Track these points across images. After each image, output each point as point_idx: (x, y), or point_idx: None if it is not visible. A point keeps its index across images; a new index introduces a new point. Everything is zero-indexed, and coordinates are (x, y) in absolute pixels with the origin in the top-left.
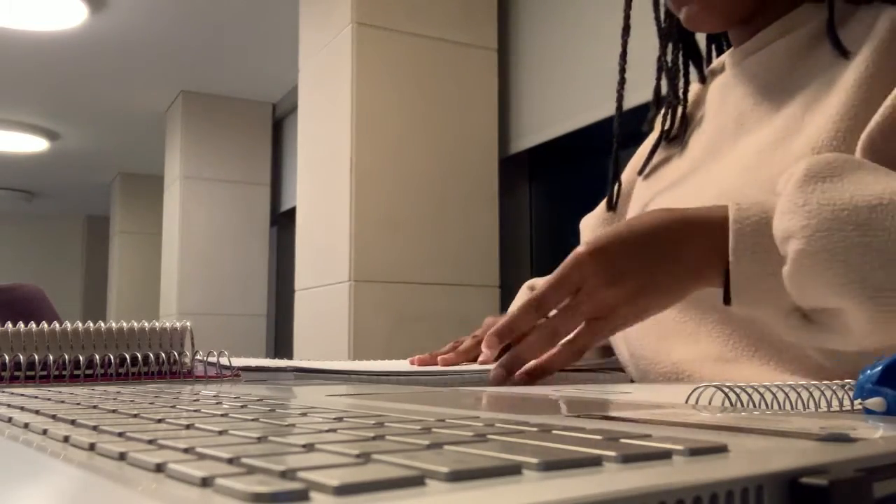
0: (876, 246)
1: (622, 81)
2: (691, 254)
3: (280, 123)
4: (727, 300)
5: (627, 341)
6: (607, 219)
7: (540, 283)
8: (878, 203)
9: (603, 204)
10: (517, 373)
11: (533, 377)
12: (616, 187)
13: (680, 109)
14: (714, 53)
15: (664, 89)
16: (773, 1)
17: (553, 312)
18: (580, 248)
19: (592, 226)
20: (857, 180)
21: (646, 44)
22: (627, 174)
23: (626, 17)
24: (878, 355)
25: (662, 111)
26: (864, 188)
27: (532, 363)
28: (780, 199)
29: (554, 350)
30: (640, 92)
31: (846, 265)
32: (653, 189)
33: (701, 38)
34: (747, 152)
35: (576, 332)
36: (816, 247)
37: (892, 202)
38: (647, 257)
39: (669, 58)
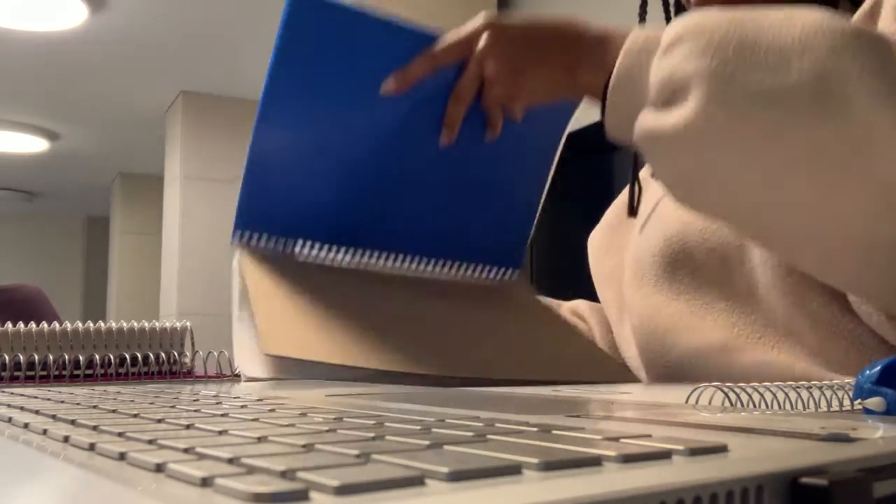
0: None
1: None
2: (582, 67)
3: None
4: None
5: (633, 336)
6: (615, 227)
7: (581, 305)
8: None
9: (608, 216)
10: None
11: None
12: (637, 190)
13: None
14: None
15: None
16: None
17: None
18: (484, 23)
19: (600, 242)
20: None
21: None
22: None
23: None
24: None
25: None
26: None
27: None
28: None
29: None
30: None
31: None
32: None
33: None
34: None
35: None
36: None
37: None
38: (546, 58)
39: None
